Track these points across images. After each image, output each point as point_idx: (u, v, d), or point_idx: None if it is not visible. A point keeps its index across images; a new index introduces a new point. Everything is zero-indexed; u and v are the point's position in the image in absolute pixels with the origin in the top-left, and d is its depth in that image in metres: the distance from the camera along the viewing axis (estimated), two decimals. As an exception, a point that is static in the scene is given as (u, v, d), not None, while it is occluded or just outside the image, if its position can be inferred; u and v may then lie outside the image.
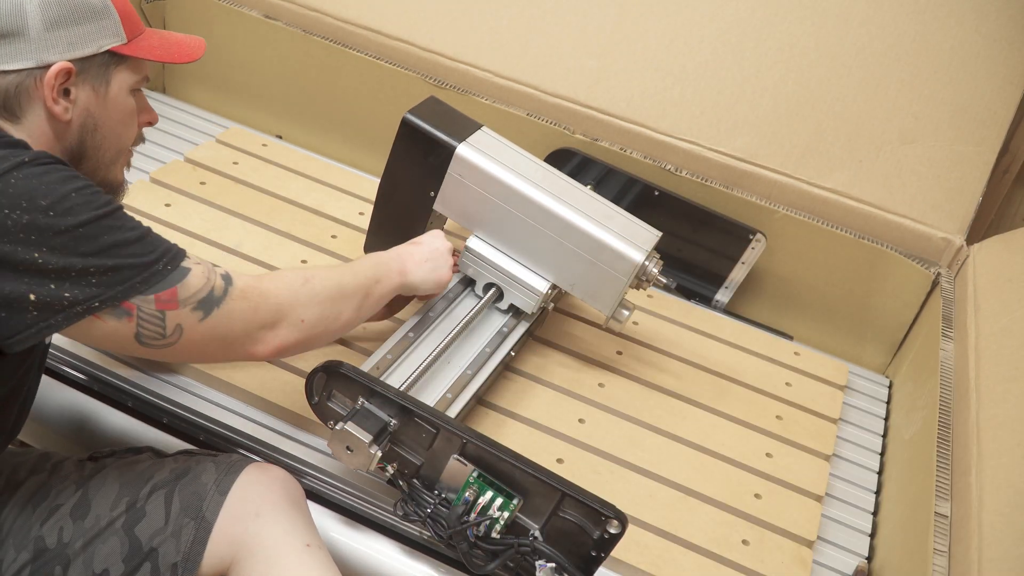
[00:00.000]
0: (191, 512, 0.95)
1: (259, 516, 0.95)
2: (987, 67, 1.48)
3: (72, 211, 0.78)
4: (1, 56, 0.83)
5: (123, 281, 0.80)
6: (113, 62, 0.90)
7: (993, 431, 1.08)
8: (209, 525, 0.94)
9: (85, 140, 0.90)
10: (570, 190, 1.24)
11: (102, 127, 0.91)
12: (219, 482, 0.97)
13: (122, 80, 0.92)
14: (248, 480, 0.98)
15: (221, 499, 0.96)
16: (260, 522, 0.94)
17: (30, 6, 0.83)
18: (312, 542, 0.95)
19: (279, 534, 0.94)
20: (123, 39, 0.90)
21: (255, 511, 0.95)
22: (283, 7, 1.70)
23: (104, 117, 0.91)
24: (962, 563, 0.95)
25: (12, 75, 0.84)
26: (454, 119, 1.26)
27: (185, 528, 0.94)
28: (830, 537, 1.20)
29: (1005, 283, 1.33)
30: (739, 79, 1.54)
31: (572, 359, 1.36)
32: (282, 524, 0.94)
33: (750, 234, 1.51)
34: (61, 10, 0.84)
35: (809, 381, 1.42)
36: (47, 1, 0.83)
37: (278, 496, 0.97)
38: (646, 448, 1.23)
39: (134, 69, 0.93)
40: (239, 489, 0.97)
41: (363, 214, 1.54)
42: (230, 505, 0.95)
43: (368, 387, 1.01)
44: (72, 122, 0.88)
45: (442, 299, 1.27)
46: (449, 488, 1.02)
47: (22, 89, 0.84)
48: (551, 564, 0.96)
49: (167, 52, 0.95)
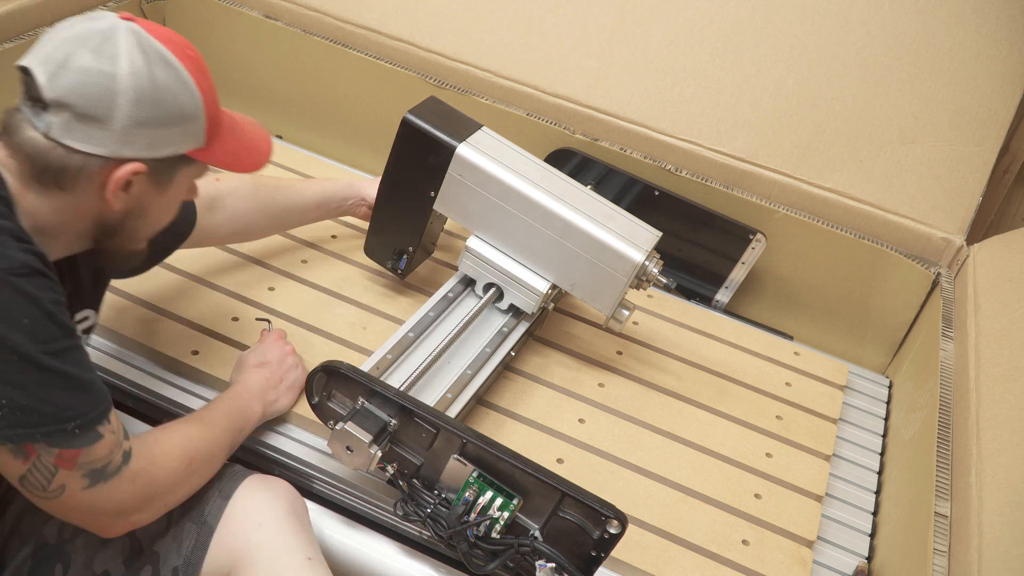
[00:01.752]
0: (193, 516, 0.95)
1: (262, 527, 0.94)
2: (987, 67, 1.48)
3: (16, 334, 0.73)
4: (77, 134, 0.78)
5: (30, 425, 0.75)
6: (183, 163, 0.86)
7: (993, 431, 1.08)
8: (211, 530, 0.94)
9: (125, 223, 0.86)
10: (570, 190, 1.24)
11: (148, 215, 0.88)
12: (222, 488, 0.97)
13: (185, 178, 0.89)
14: (252, 490, 0.98)
15: (223, 504, 0.95)
16: (263, 532, 0.94)
17: (123, 99, 0.78)
18: (313, 556, 0.94)
19: (281, 546, 0.93)
20: (201, 143, 0.86)
21: (258, 521, 0.95)
22: (283, 7, 1.70)
23: (154, 207, 0.88)
24: (962, 563, 0.95)
25: (79, 155, 0.79)
26: (454, 119, 1.26)
27: (187, 532, 0.94)
28: (830, 537, 1.20)
29: (1005, 283, 1.33)
30: (739, 79, 1.54)
31: (572, 359, 1.36)
32: (284, 536, 0.94)
33: (750, 234, 1.51)
34: (153, 112, 0.80)
35: (809, 381, 1.42)
36: (142, 99, 0.79)
37: (282, 508, 0.96)
38: (646, 448, 1.23)
39: (199, 168, 0.90)
40: (242, 498, 0.97)
41: (363, 214, 1.54)
42: (233, 513, 0.95)
43: (368, 387, 1.01)
44: (120, 208, 0.84)
45: (442, 299, 1.27)
46: (449, 488, 1.02)
47: (83, 171, 0.80)
48: (551, 564, 0.96)
49: (237, 159, 0.91)
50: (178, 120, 0.82)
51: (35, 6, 1.51)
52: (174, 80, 0.81)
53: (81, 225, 0.85)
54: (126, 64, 0.78)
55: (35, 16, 1.52)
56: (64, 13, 1.57)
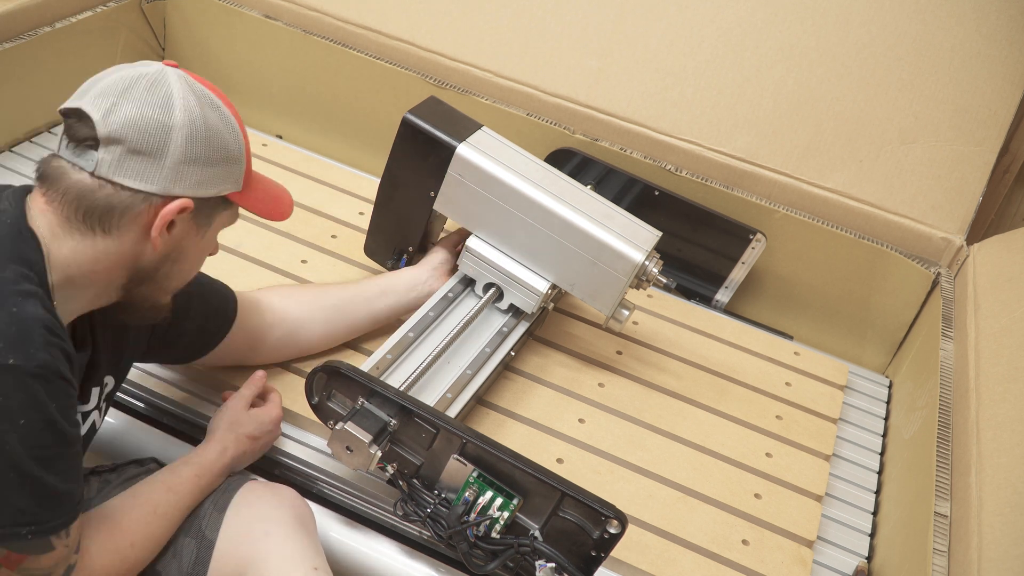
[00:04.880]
0: (190, 531, 0.95)
1: (268, 535, 0.94)
2: (987, 67, 1.48)
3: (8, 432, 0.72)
4: (128, 170, 0.79)
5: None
6: (222, 206, 0.87)
7: (993, 431, 1.08)
8: (211, 544, 0.94)
9: (160, 268, 0.86)
10: (570, 190, 1.24)
11: (183, 261, 0.88)
12: (216, 500, 0.97)
13: (221, 223, 0.89)
14: (256, 497, 0.98)
15: (219, 516, 0.95)
16: (268, 541, 0.94)
17: (177, 135, 0.79)
18: (319, 566, 0.94)
19: (288, 555, 0.93)
20: (239, 187, 0.87)
21: (264, 530, 0.94)
22: (283, 7, 1.70)
23: (190, 252, 0.88)
24: (962, 563, 0.95)
25: (127, 193, 0.79)
26: (454, 119, 1.26)
27: (186, 548, 0.94)
28: (830, 537, 1.20)
29: (1005, 283, 1.33)
30: (739, 79, 1.54)
31: (572, 359, 1.36)
32: (291, 545, 0.94)
33: (750, 234, 1.51)
34: (205, 149, 0.81)
35: (809, 381, 1.42)
36: (195, 136, 0.80)
37: (288, 516, 0.96)
38: (646, 448, 1.23)
39: (233, 214, 0.90)
40: (247, 505, 0.96)
41: (363, 214, 1.54)
42: (238, 522, 0.95)
43: (368, 387, 1.01)
44: (160, 250, 0.84)
45: (442, 299, 1.27)
46: (449, 488, 1.02)
47: (131, 210, 0.80)
48: (551, 564, 0.96)
49: (267, 208, 0.91)
50: (224, 160, 0.84)
51: (35, 6, 1.51)
52: (222, 121, 0.83)
53: (115, 273, 0.84)
54: (180, 102, 0.80)
55: (35, 16, 1.52)
56: (64, 13, 1.57)
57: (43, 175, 0.81)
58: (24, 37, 1.49)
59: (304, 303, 1.19)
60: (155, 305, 0.90)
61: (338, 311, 1.21)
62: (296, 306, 1.18)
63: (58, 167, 0.80)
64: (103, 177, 0.78)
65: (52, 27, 1.54)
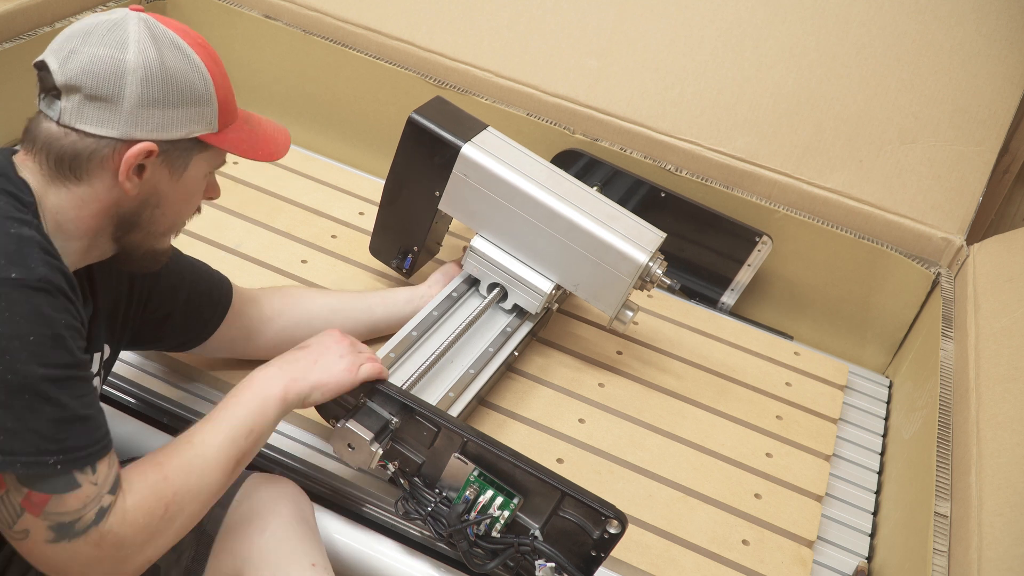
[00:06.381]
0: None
1: (266, 531, 0.94)
2: (987, 67, 1.48)
3: (19, 350, 0.70)
4: (88, 117, 0.79)
5: (10, 451, 0.70)
6: (197, 148, 0.85)
7: (993, 431, 1.08)
8: (209, 539, 0.94)
9: (142, 213, 0.85)
10: (575, 191, 1.24)
11: (164, 205, 0.86)
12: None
13: (200, 166, 0.87)
14: (256, 491, 0.97)
15: (220, 512, 0.95)
16: (267, 537, 0.93)
17: (131, 78, 0.78)
18: (318, 562, 0.94)
19: (286, 551, 0.93)
20: (214, 128, 0.85)
21: (262, 526, 0.94)
22: (283, 7, 1.70)
23: (170, 197, 0.86)
24: (962, 563, 0.95)
25: (91, 139, 0.79)
26: (460, 119, 1.26)
27: (185, 543, 0.93)
28: (830, 537, 1.20)
29: (1005, 283, 1.33)
30: (739, 79, 1.54)
31: (572, 359, 1.36)
32: (290, 541, 0.94)
33: (756, 236, 1.51)
34: (163, 91, 0.80)
35: (809, 381, 1.42)
36: (150, 78, 0.79)
37: (287, 511, 0.96)
38: (646, 448, 1.23)
39: (214, 156, 0.89)
40: (245, 501, 0.96)
41: (363, 214, 1.54)
42: (238, 517, 0.95)
43: (370, 385, 1.01)
44: (136, 196, 0.83)
45: (446, 298, 1.27)
46: (450, 487, 1.02)
47: (96, 155, 0.80)
48: (551, 564, 0.96)
49: (251, 148, 0.89)
50: (189, 101, 0.82)
51: (35, 6, 1.51)
52: (184, 62, 0.82)
53: (100, 221, 0.83)
54: (134, 46, 0.79)
55: (35, 16, 1.52)
56: (64, 13, 1.57)
57: (25, 130, 0.83)
58: (24, 37, 1.49)
59: (303, 301, 1.19)
60: (151, 251, 0.89)
61: (337, 313, 1.21)
62: (295, 304, 1.18)
63: (35, 120, 0.82)
64: (67, 125, 0.79)
65: (52, 27, 1.54)
